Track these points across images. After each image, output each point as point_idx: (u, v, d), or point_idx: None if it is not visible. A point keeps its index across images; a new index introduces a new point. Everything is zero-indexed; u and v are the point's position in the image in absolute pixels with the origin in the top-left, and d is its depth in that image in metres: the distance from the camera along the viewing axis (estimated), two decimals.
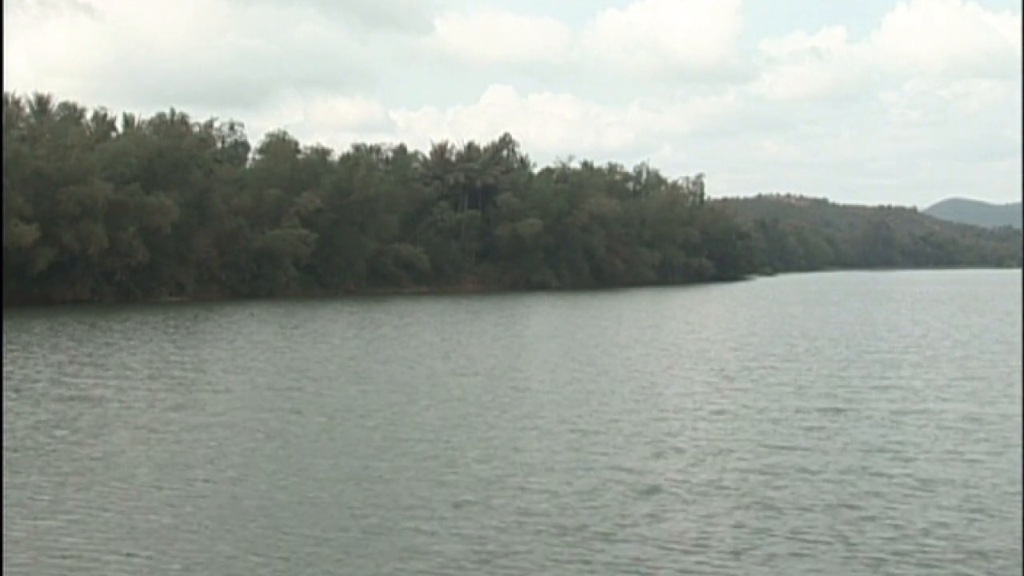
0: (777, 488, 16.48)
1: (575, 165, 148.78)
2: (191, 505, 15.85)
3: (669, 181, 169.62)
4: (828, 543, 13.54)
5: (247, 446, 20.45)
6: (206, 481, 17.41)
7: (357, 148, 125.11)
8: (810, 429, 21.85)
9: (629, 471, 17.81)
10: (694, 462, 18.61)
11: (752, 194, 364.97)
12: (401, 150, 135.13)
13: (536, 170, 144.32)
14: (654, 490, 16.45)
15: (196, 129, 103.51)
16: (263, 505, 15.79)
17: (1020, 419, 22.87)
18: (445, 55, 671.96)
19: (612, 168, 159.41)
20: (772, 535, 13.89)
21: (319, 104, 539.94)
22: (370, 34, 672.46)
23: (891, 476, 17.22)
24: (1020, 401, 25.62)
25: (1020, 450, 19.27)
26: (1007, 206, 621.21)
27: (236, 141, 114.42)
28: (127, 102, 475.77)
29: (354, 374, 32.64)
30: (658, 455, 19.27)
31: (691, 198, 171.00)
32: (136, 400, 26.71)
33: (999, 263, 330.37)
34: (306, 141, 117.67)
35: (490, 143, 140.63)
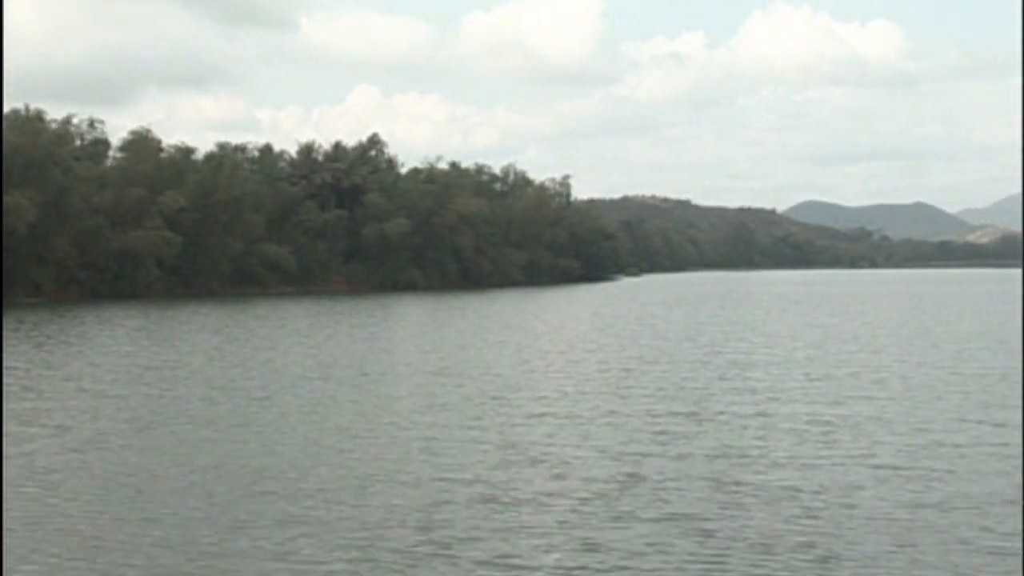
0: (621, 499, 16.12)
1: (443, 166, 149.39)
2: None
3: (536, 182, 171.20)
4: (661, 556, 13.16)
5: (63, 459, 19.24)
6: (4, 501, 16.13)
7: (221, 147, 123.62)
8: (661, 434, 21.65)
9: (473, 481, 17.27)
10: (542, 471, 18.19)
11: (617, 195, 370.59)
12: (267, 149, 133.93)
13: (404, 170, 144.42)
14: (494, 501, 15.90)
15: (53, 126, 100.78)
16: (69, 527, 14.72)
17: (866, 420, 23.15)
18: (311, 54, 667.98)
19: (479, 169, 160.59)
20: (608, 549, 13.45)
21: (182, 102, 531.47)
22: (234, 31, 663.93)
23: (739, 483, 17.02)
24: (865, 402, 25.99)
25: (864, 455, 19.41)
26: (859, 208, 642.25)
27: (96, 139, 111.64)
28: None
29: (197, 380, 31.61)
30: (507, 464, 18.77)
31: (558, 199, 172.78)
32: None
33: (852, 264, 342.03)
34: (169, 139, 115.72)
35: (357, 143, 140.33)
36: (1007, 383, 29.79)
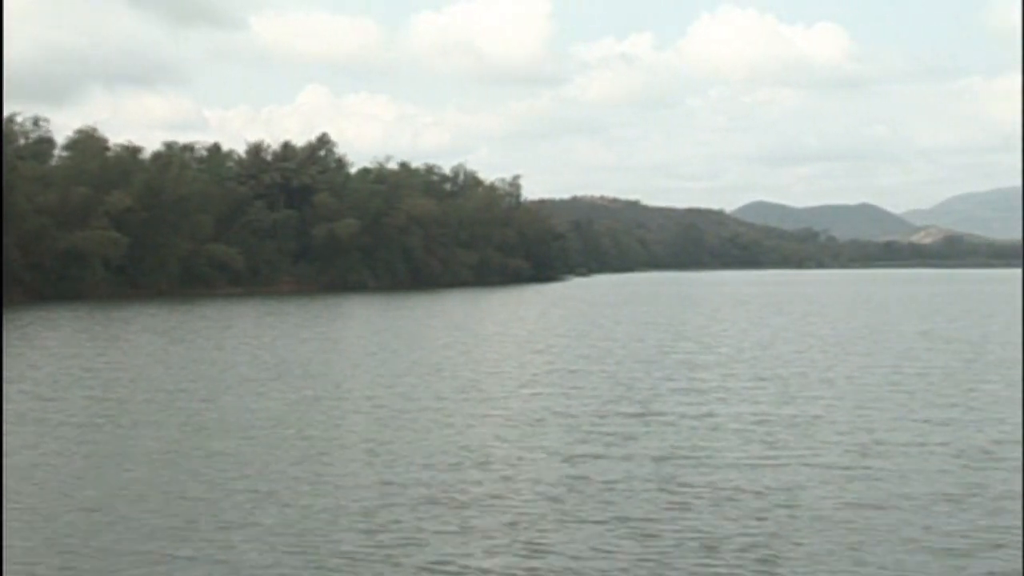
0: (567, 501, 16.03)
1: (392, 166, 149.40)
2: None
3: (486, 182, 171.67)
4: (607, 559, 13.07)
5: None
6: None
7: (169, 146, 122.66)
8: (608, 435, 21.59)
9: (418, 484, 17.11)
10: (488, 473, 18.03)
11: (567, 196, 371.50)
12: (215, 149, 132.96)
13: (353, 170, 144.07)
14: (440, 504, 15.72)
15: None
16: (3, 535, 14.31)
17: (812, 420, 23.19)
18: (260, 53, 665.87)
19: (429, 169, 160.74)
20: (554, 552, 13.35)
21: (129, 101, 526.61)
22: (182, 29, 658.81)
23: (685, 484, 16.99)
24: (811, 402, 26.04)
25: (810, 454, 19.43)
26: (807, 209, 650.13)
27: (40, 137, 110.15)
28: None
29: (140, 382, 31.14)
30: (453, 466, 18.59)
31: (508, 199, 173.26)
32: None
33: (800, 264, 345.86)
34: (116, 138, 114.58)
35: (307, 143, 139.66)
36: (951, 382, 30.15)
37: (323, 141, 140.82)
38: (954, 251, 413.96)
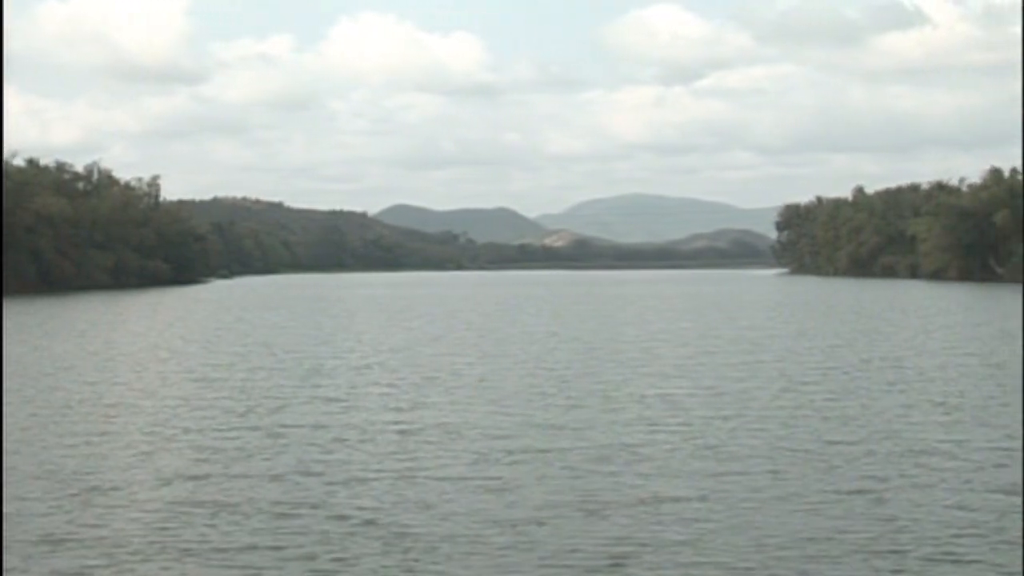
0: (167, 530, 14.64)
1: (18, 162, 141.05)
2: None
3: (122, 182, 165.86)
4: None
5: None
6: None
7: None
8: (228, 451, 20.29)
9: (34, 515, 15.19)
10: (82, 499, 16.36)
11: (208, 196, 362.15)
12: None
13: None
14: (13, 543, 14.02)
15: None
16: None
17: (443, 427, 22.63)
18: None
19: (60, 166, 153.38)
20: None
21: None
22: None
23: (304, 504, 16.05)
24: (443, 408, 25.67)
25: (438, 465, 18.94)
26: (447, 212, 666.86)
27: None
28: None
29: None
30: (46, 494, 16.82)
31: (146, 199, 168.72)
32: None
33: (440, 266, 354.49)
34: None
35: None
36: (582, 383, 30.49)
37: None
38: (583, 253, 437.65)
